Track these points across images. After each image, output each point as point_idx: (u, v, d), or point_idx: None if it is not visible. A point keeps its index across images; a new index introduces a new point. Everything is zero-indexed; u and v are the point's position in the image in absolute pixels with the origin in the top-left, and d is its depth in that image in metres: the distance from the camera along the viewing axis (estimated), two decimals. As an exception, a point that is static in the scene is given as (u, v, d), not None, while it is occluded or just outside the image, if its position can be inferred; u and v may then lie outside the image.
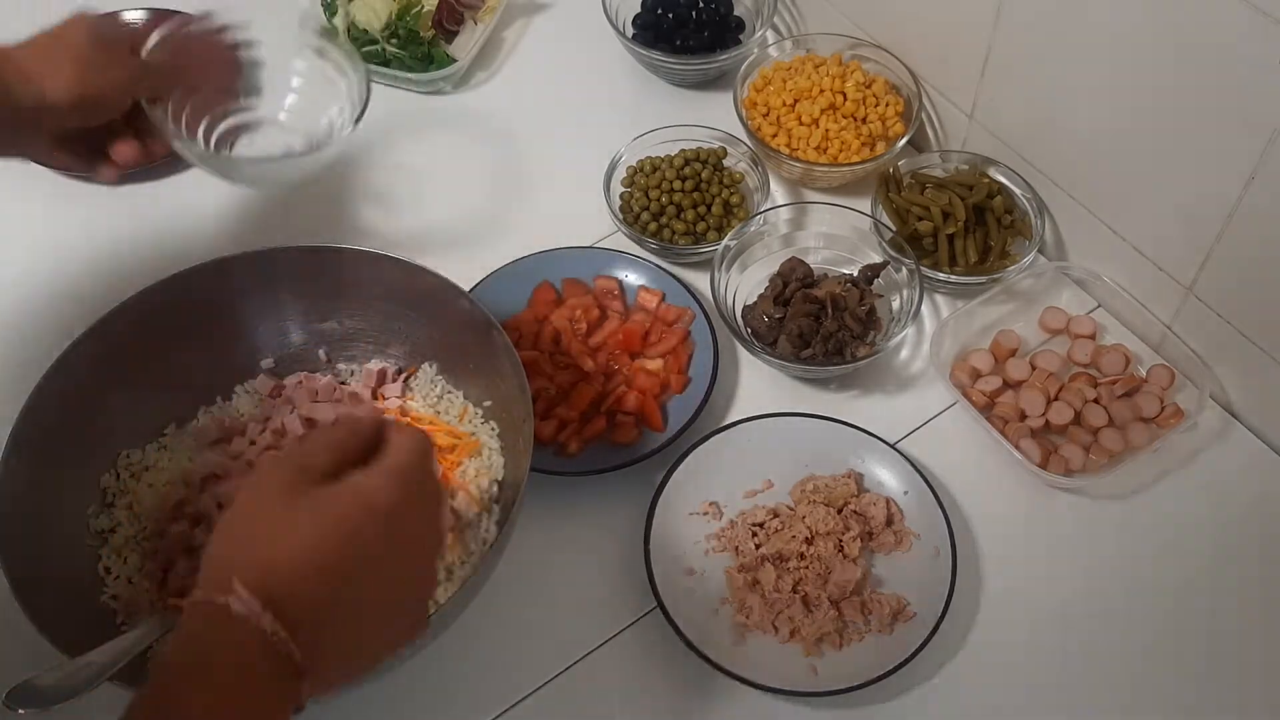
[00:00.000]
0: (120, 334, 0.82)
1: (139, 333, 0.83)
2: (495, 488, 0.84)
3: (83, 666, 0.62)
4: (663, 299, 0.99)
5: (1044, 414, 0.91)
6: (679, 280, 0.99)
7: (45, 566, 0.76)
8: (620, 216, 1.04)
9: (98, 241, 1.07)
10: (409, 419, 0.87)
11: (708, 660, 0.78)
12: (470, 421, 0.88)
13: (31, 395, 0.78)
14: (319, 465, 0.56)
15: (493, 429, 0.87)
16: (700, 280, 0.99)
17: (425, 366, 0.91)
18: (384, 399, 0.90)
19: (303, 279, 0.88)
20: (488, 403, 0.88)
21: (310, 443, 0.58)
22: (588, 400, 0.92)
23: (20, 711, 0.58)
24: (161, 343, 0.85)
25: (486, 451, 0.86)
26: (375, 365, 0.90)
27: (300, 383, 0.91)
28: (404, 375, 0.91)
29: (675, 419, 0.91)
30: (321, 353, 0.92)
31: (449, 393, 0.90)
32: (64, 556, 0.80)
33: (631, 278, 1.01)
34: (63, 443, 0.80)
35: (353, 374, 0.92)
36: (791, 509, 0.88)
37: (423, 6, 1.20)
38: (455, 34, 1.21)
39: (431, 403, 0.90)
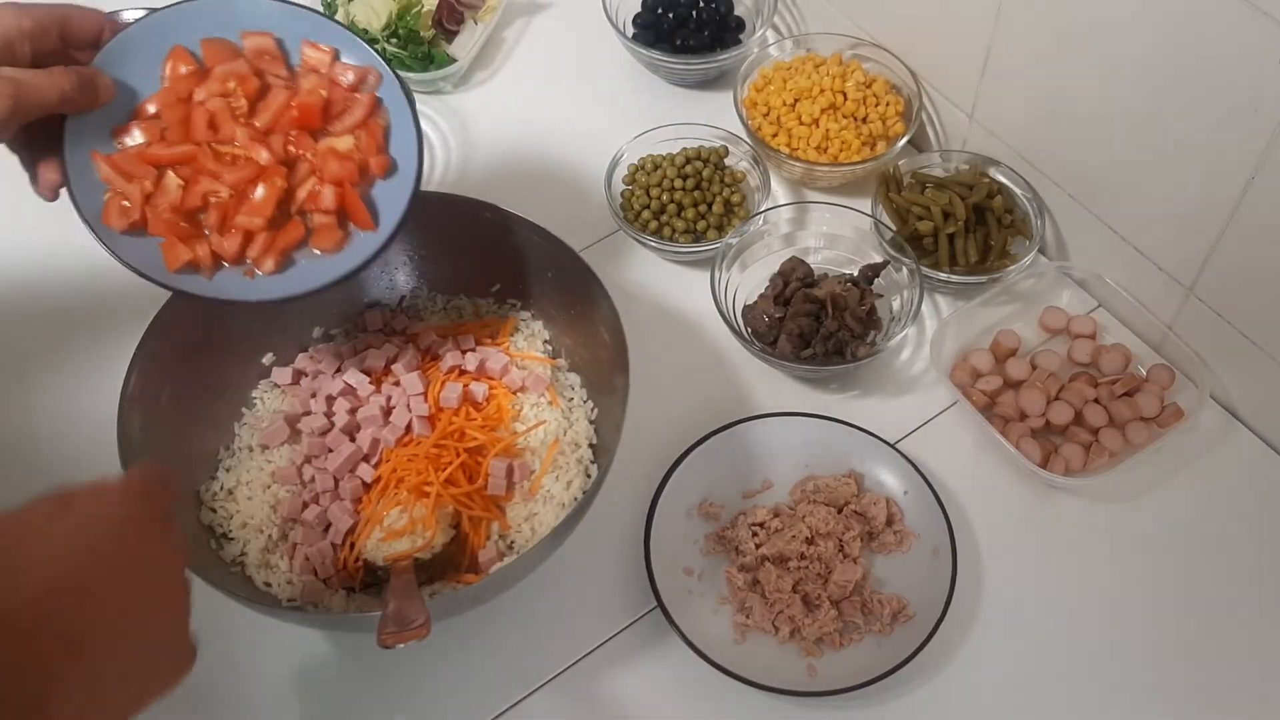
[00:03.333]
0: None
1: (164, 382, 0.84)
2: (548, 349, 0.92)
3: None
4: (336, 56, 0.79)
5: (1044, 414, 0.91)
6: (350, 30, 0.80)
7: None
8: (621, 214, 1.04)
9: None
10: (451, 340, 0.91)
11: (708, 660, 0.78)
12: (489, 312, 0.95)
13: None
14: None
15: (513, 305, 0.94)
16: (700, 279, 0.99)
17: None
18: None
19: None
20: (496, 287, 0.94)
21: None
22: (273, 202, 0.76)
23: None
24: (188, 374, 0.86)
25: (521, 324, 0.93)
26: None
27: (312, 357, 0.92)
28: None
29: (387, 211, 0.79)
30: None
31: (452, 302, 0.96)
32: None
33: (291, 31, 0.79)
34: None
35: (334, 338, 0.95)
36: (792, 509, 0.88)
37: (423, 6, 1.20)
38: (455, 34, 1.22)
39: (440, 316, 0.96)
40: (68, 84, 0.69)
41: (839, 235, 1.02)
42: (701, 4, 1.21)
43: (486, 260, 0.92)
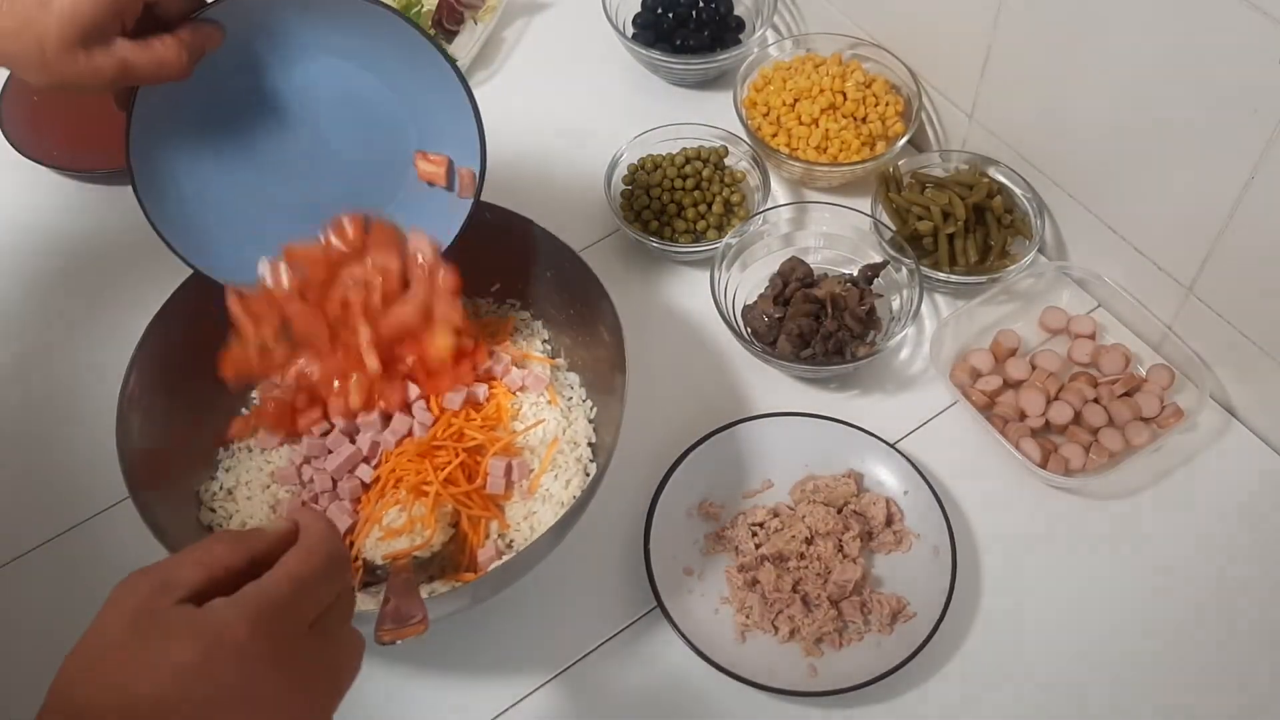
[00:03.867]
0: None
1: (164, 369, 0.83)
2: (547, 348, 0.92)
3: None
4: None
5: (1044, 414, 0.91)
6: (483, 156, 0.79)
7: None
8: (621, 214, 1.04)
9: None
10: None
11: (708, 660, 0.78)
12: (488, 311, 0.94)
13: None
14: (183, 582, 0.49)
15: (513, 305, 0.94)
16: (700, 279, 0.99)
17: None
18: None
19: None
20: (496, 286, 0.94)
21: (181, 554, 0.50)
22: (361, 402, 0.83)
23: None
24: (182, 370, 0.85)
25: (521, 324, 0.92)
26: None
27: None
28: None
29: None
30: None
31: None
32: None
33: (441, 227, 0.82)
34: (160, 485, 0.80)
35: None
36: (791, 509, 0.88)
37: (423, 6, 1.20)
38: (455, 34, 1.22)
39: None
40: (176, 68, 0.67)
41: (839, 235, 1.02)
42: (701, 4, 1.21)
43: (486, 260, 0.92)
